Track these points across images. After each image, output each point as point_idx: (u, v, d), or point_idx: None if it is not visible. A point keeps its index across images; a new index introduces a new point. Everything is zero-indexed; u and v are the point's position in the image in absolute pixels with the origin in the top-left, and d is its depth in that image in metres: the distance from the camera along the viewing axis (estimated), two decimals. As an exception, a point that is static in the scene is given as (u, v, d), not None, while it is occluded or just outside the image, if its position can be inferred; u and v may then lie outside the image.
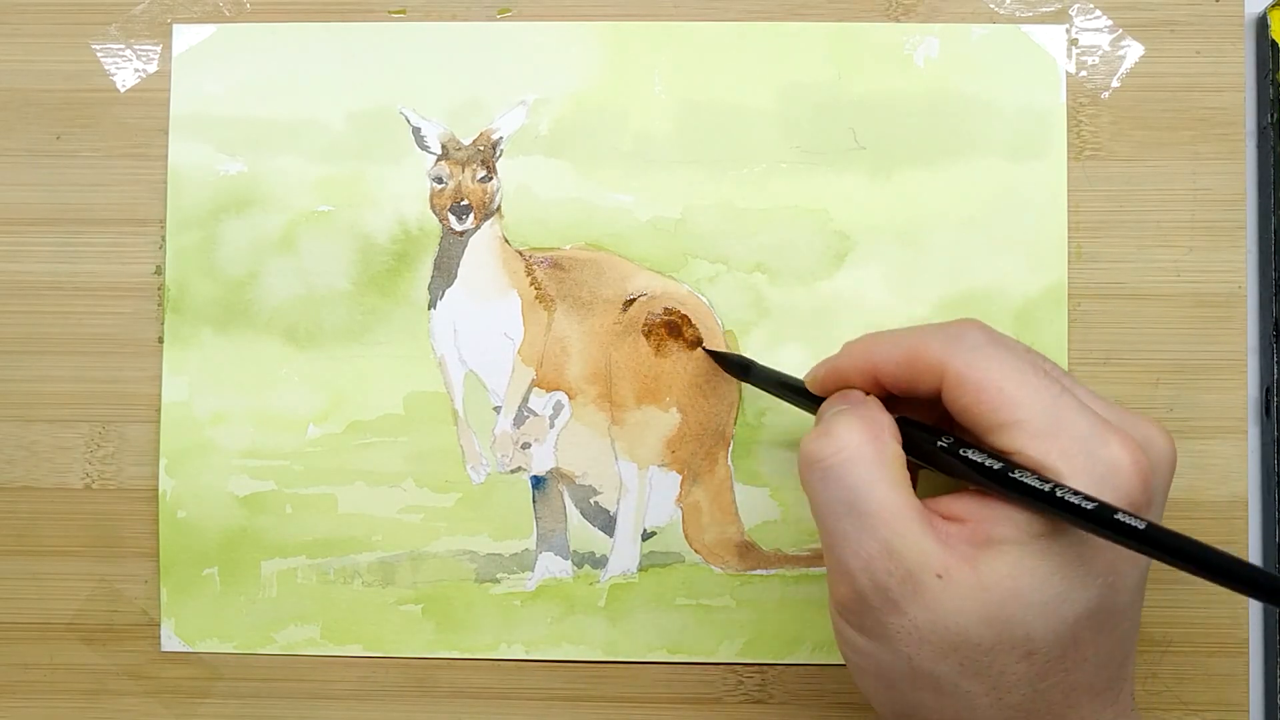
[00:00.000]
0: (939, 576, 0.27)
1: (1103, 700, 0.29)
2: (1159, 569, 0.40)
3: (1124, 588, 0.28)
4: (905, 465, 0.30)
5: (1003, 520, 0.28)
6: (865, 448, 0.29)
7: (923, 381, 0.29)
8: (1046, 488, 0.26)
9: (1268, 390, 0.40)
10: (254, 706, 0.41)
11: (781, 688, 0.41)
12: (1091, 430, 0.27)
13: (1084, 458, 0.27)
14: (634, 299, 0.41)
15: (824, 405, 0.33)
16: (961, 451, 0.29)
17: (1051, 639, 0.27)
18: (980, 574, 0.27)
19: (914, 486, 0.30)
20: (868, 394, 0.32)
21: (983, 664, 0.27)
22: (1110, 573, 0.27)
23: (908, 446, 0.30)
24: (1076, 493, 0.26)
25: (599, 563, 0.41)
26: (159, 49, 0.42)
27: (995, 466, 0.28)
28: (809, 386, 0.34)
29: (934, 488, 0.31)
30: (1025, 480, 0.27)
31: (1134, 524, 0.25)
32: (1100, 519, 0.26)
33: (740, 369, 0.39)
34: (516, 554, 0.41)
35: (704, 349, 0.40)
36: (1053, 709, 0.28)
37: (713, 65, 0.41)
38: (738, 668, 0.41)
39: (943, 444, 0.29)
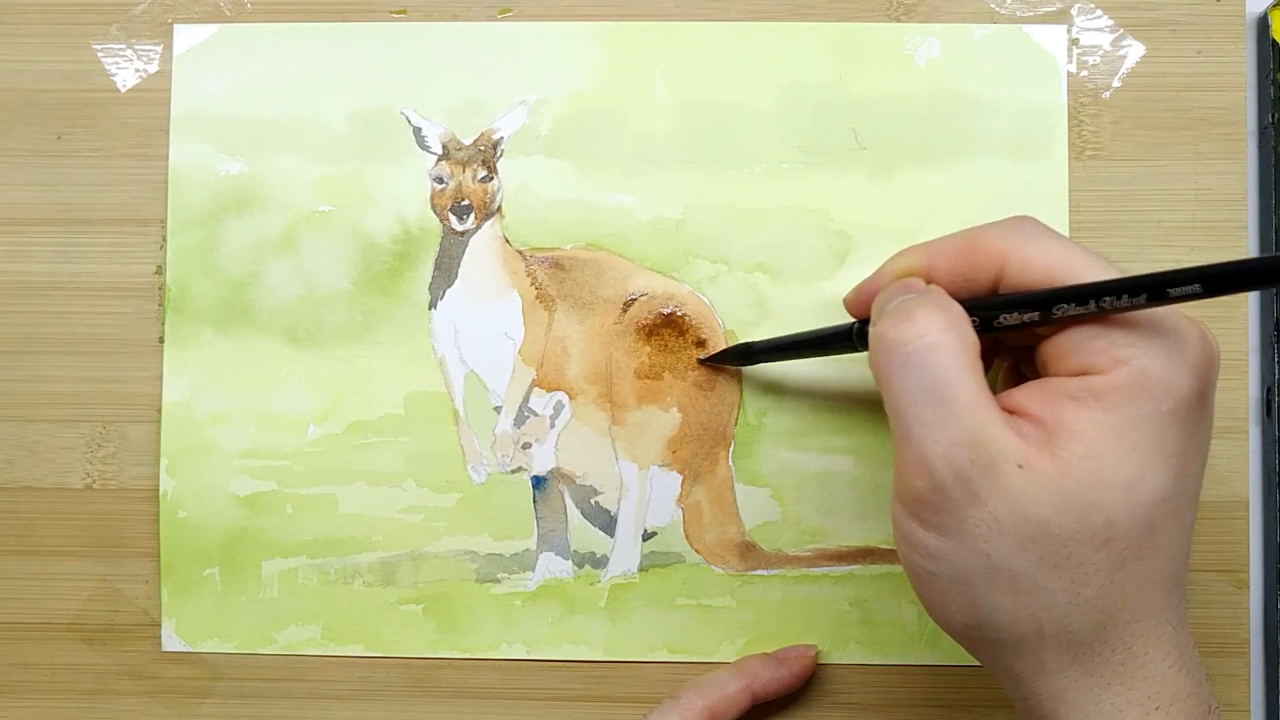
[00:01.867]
0: (1020, 467, 0.27)
1: (1169, 597, 0.29)
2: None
3: (1192, 472, 0.28)
4: (980, 355, 0.29)
5: (1070, 402, 0.28)
6: (948, 334, 0.28)
7: (981, 271, 0.30)
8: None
9: (1269, 390, 0.40)
10: (255, 707, 0.41)
11: (782, 688, 0.41)
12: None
13: (1151, 324, 0.27)
14: (635, 299, 0.41)
15: (883, 295, 0.31)
16: (1014, 303, 0.29)
17: (1130, 523, 0.27)
18: (1059, 461, 0.27)
19: None
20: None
21: (1062, 555, 0.27)
22: (1183, 453, 0.27)
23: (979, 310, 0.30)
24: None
25: (600, 563, 0.41)
26: (160, 49, 0.42)
27: (1047, 295, 0.28)
28: (851, 308, 0.34)
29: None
30: (1083, 285, 0.28)
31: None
32: (1156, 286, 0.27)
33: (741, 356, 0.39)
34: (517, 554, 0.41)
35: (700, 360, 0.40)
36: (1127, 603, 0.28)
37: (713, 65, 0.41)
38: (738, 668, 0.41)
39: (1031, 315, 0.29)
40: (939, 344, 0.28)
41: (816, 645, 0.40)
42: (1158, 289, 0.27)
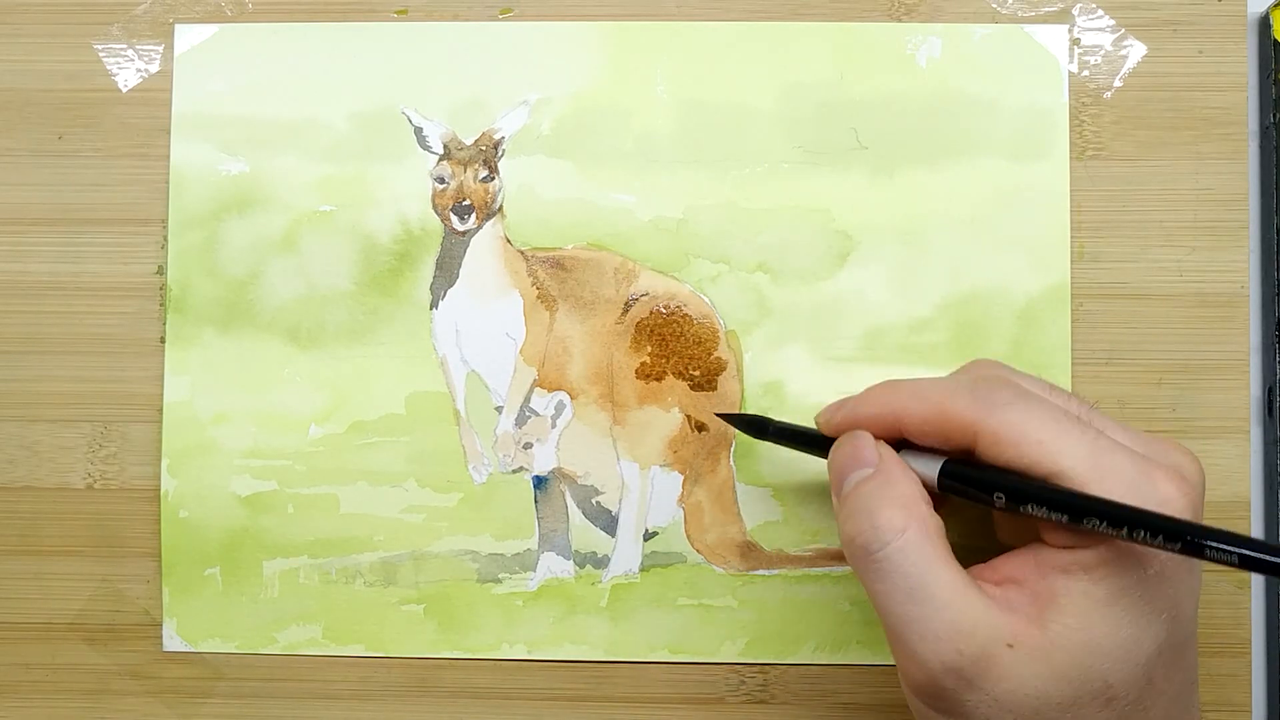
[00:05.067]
0: (1010, 646, 0.27)
1: None
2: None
3: (1185, 618, 0.28)
4: (945, 534, 0.29)
5: (1060, 575, 0.28)
6: (911, 532, 0.28)
7: (953, 439, 0.29)
8: (1138, 511, 0.26)
9: (1270, 390, 0.40)
10: (256, 706, 0.41)
11: (784, 688, 0.41)
12: (1135, 470, 0.27)
13: (1134, 499, 0.27)
14: (636, 299, 0.41)
15: (837, 458, 0.32)
16: (1033, 496, 0.28)
17: (1129, 682, 0.27)
18: (1050, 634, 0.27)
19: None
20: (878, 438, 0.32)
21: (1066, 719, 0.28)
22: (1173, 606, 0.28)
23: (956, 485, 0.30)
24: (1163, 517, 0.26)
25: (601, 563, 0.41)
26: (161, 49, 0.42)
27: (1077, 501, 0.27)
28: (823, 429, 0.34)
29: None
30: (1119, 505, 0.26)
31: (1228, 547, 0.25)
32: (1193, 539, 0.25)
33: (754, 427, 0.38)
34: (518, 554, 0.41)
35: (718, 415, 0.40)
36: None
37: (715, 65, 0.41)
38: (740, 668, 0.41)
39: (999, 496, 0.29)
40: (905, 546, 0.28)
41: None
42: (1196, 545, 0.26)
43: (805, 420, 0.41)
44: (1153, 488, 0.27)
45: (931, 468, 0.30)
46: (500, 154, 0.41)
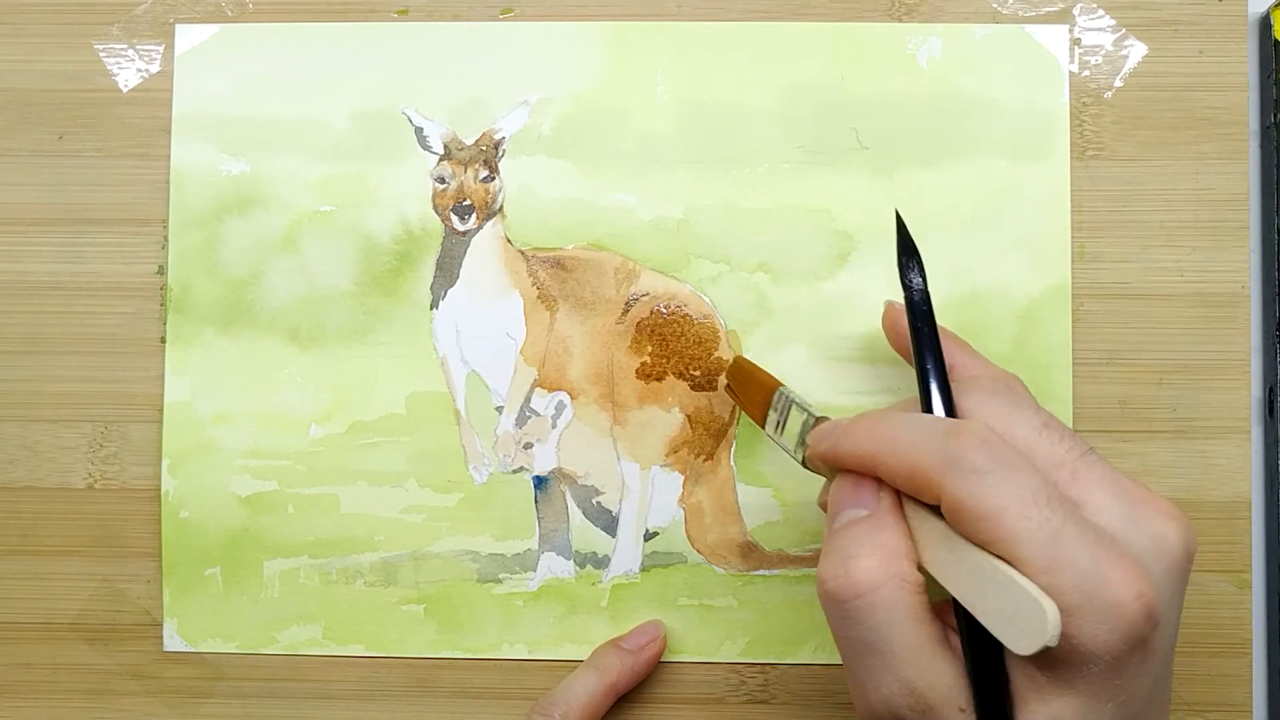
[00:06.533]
0: (961, 710, 0.27)
1: None
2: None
3: (1137, 696, 0.28)
4: (924, 590, 0.29)
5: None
6: (884, 588, 0.28)
7: (924, 496, 0.29)
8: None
9: (1270, 390, 0.40)
10: (256, 706, 0.41)
11: (784, 688, 0.41)
12: (1091, 567, 0.26)
13: (1083, 597, 0.26)
14: (636, 299, 0.41)
15: (836, 493, 0.31)
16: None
17: None
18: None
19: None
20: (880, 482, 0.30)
21: None
22: (1121, 693, 0.27)
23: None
24: None
25: (601, 563, 0.41)
26: (161, 49, 0.42)
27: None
28: (809, 459, 0.33)
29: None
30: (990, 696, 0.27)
31: None
32: None
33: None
34: (519, 554, 0.41)
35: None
36: None
37: (715, 65, 0.41)
38: (740, 668, 0.41)
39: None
40: (876, 602, 0.28)
41: (661, 621, 0.40)
42: None
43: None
44: (1105, 586, 0.26)
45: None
46: (501, 154, 0.41)
